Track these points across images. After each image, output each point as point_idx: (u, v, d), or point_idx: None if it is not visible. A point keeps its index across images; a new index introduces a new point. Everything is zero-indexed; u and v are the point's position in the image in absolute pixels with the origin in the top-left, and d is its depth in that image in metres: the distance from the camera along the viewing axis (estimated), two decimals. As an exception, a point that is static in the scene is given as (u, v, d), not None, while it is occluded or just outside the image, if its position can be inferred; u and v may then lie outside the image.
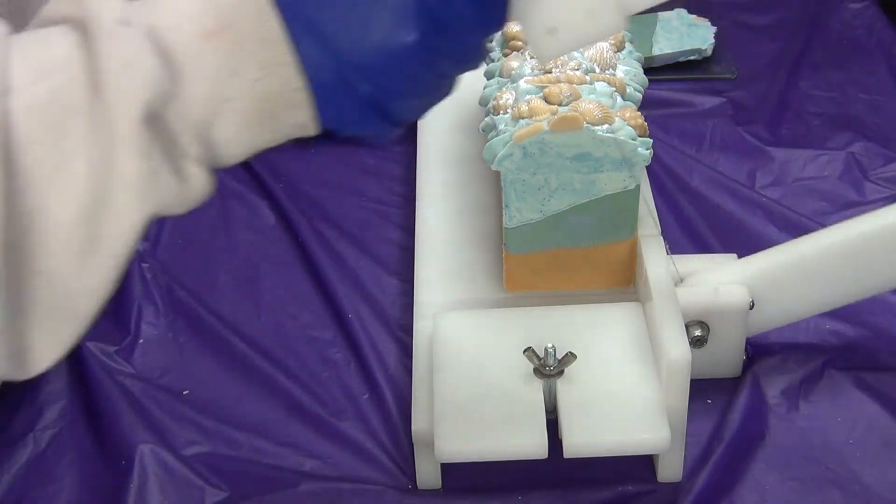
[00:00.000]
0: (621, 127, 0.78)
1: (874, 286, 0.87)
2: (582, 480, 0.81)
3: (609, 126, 0.78)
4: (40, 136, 0.53)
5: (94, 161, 0.54)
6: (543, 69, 0.81)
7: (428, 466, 0.80)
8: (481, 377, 0.79)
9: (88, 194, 0.54)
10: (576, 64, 0.81)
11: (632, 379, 0.79)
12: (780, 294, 0.86)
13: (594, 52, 0.82)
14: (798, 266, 0.86)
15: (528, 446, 0.76)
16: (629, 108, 0.80)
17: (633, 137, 0.79)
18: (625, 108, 0.80)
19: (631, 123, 0.79)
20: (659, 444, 0.76)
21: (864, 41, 1.26)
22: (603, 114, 0.77)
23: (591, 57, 0.82)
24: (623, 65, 0.83)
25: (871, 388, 0.86)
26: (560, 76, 0.80)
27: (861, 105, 1.17)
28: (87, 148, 0.54)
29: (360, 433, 0.86)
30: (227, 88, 0.57)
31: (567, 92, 0.78)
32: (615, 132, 0.78)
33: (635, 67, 0.84)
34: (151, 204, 0.56)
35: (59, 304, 0.55)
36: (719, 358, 0.87)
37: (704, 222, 1.02)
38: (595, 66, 0.82)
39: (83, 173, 0.54)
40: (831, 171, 1.09)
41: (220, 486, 0.82)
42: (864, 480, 0.80)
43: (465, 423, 0.77)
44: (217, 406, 0.88)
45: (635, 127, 0.79)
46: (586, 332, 0.82)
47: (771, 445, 0.82)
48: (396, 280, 0.99)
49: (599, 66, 0.82)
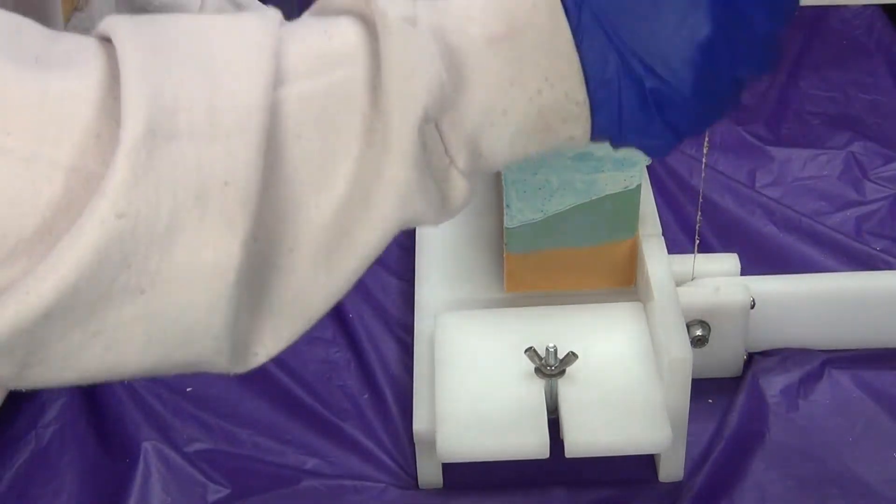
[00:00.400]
0: None
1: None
2: (583, 480, 0.81)
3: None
4: (311, 131, 0.51)
5: (362, 163, 0.52)
6: None
7: (429, 466, 0.80)
8: (482, 377, 0.80)
9: (350, 196, 0.52)
10: None
11: (633, 378, 0.79)
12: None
13: None
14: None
15: (530, 446, 0.76)
16: None
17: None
18: None
19: None
20: (660, 444, 0.76)
21: (864, 41, 1.26)
22: None
23: None
24: None
25: (871, 387, 0.86)
26: None
27: (861, 105, 1.17)
28: (358, 149, 0.52)
29: (361, 433, 0.86)
30: (506, 99, 0.54)
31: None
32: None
33: None
34: (410, 213, 0.53)
35: (293, 301, 0.53)
36: (720, 357, 0.87)
37: (704, 222, 1.03)
38: None
39: (349, 174, 0.52)
40: (831, 170, 1.09)
41: (221, 483, 0.82)
42: (864, 479, 0.80)
43: (466, 423, 0.77)
44: (219, 404, 0.88)
45: None
46: (587, 331, 0.82)
47: (771, 444, 0.82)
48: (397, 280, 0.99)
49: None
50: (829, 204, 1.06)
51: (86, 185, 0.48)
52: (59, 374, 0.51)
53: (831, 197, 1.06)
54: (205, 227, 0.49)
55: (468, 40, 0.53)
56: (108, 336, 0.50)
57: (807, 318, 0.89)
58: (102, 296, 0.49)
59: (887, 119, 1.15)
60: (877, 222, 1.04)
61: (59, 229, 0.48)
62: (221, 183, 0.49)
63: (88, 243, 0.47)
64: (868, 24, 1.28)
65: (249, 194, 0.49)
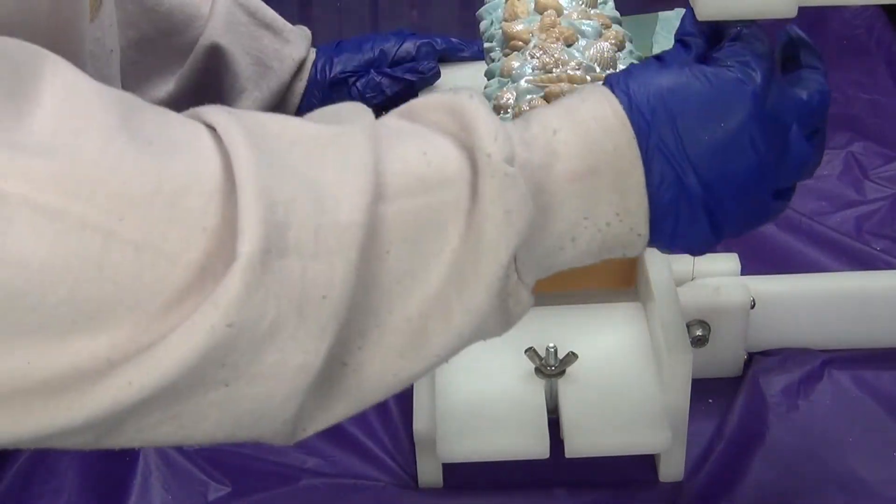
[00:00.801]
0: None
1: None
2: (583, 480, 0.81)
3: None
4: (401, 249, 0.55)
5: (446, 286, 0.56)
6: (544, 69, 0.81)
7: (429, 466, 0.80)
8: (483, 377, 0.80)
9: (430, 313, 0.56)
10: (576, 63, 0.81)
11: (633, 379, 0.79)
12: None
13: (594, 52, 0.82)
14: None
15: (530, 446, 0.76)
16: None
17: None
18: None
19: None
20: (660, 444, 0.76)
21: (864, 41, 1.26)
22: None
23: (592, 56, 0.82)
24: (623, 64, 0.83)
25: (871, 387, 0.86)
26: (561, 76, 0.80)
27: (861, 105, 1.17)
28: (446, 272, 0.55)
29: (362, 432, 0.86)
30: (578, 229, 0.60)
31: (568, 91, 0.78)
32: None
33: None
34: (482, 332, 0.58)
35: (354, 391, 0.57)
36: (720, 357, 0.87)
37: (705, 222, 1.03)
38: (595, 66, 0.82)
39: (432, 295, 0.55)
40: (831, 170, 1.09)
41: (222, 482, 0.82)
42: (863, 479, 0.80)
43: (466, 423, 0.77)
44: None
45: None
46: (587, 332, 0.82)
47: (771, 444, 0.82)
48: (397, 279, 0.99)
49: (600, 66, 0.82)
50: (829, 204, 1.06)
51: (200, 276, 0.51)
52: (128, 443, 0.55)
53: (831, 197, 1.06)
54: (300, 334, 0.53)
55: (552, 178, 0.58)
56: (184, 419, 0.54)
57: (807, 318, 0.89)
58: (191, 388, 0.53)
59: (887, 119, 1.15)
60: (877, 222, 1.04)
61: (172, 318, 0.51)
62: (320, 297, 0.52)
63: (196, 347, 0.51)
64: (868, 24, 1.28)
65: (343, 306, 0.53)
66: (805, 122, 0.64)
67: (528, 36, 0.83)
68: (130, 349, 0.51)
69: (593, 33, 0.83)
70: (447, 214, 0.55)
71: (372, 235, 0.54)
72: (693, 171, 0.60)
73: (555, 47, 0.81)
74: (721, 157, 0.60)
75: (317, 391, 0.55)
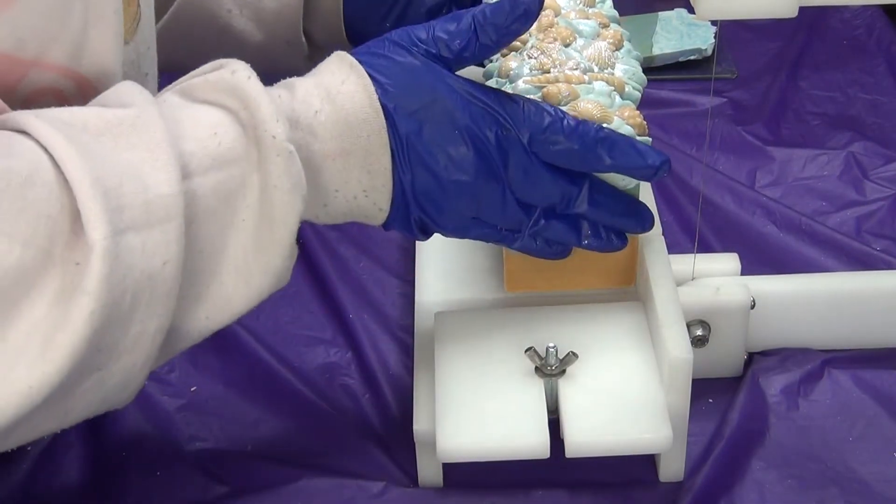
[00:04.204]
0: (620, 126, 0.78)
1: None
2: (583, 480, 0.81)
3: (608, 125, 0.78)
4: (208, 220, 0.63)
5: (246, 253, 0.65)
6: (542, 69, 0.81)
7: (429, 466, 0.81)
8: (482, 377, 0.80)
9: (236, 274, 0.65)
10: (574, 63, 0.81)
11: (633, 378, 0.79)
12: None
13: (592, 52, 0.82)
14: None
15: (530, 446, 0.76)
16: (628, 107, 0.80)
17: (632, 136, 0.79)
18: (623, 106, 0.79)
19: (630, 122, 0.78)
20: (661, 444, 0.76)
21: (864, 41, 1.26)
22: (601, 113, 0.77)
23: (590, 56, 0.82)
24: (621, 63, 0.83)
25: (871, 387, 0.86)
26: (558, 76, 0.80)
27: (861, 105, 1.17)
28: (245, 240, 0.64)
29: (361, 433, 0.86)
30: (329, 198, 0.70)
31: (565, 92, 0.78)
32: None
33: (634, 66, 0.84)
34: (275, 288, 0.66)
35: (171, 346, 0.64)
36: (720, 357, 0.87)
37: (704, 222, 1.03)
38: (593, 66, 0.81)
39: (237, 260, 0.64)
40: (831, 170, 1.09)
41: (222, 481, 0.82)
42: (864, 479, 0.80)
43: (466, 423, 0.77)
44: (220, 403, 0.88)
45: (634, 126, 0.78)
46: (588, 331, 0.82)
47: (771, 444, 0.82)
48: (397, 280, 0.99)
49: (598, 66, 0.81)
50: (829, 204, 1.06)
51: (44, 262, 0.57)
52: (15, 444, 0.61)
53: (831, 197, 1.07)
54: (153, 301, 0.60)
55: (311, 155, 0.68)
56: (69, 413, 0.61)
57: (807, 318, 0.89)
58: (76, 381, 0.59)
59: (887, 119, 1.15)
60: (877, 222, 1.04)
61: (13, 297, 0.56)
62: (162, 263, 0.60)
63: (82, 336, 0.57)
64: (868, 24, 1.28)
65: (180, 268, 0.61)
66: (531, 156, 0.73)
67: (526, 36, 0.83)
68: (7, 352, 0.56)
69: (591, 33, 0.83)
70: (239, 189, 0.64)
71: (189, 204, 0.61)
72: (426, 167, 0.70)
73: (552, 47, 0.81)
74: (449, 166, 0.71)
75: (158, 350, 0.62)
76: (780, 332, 0.89)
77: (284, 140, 0.64)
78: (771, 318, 0.88)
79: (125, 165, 0.60)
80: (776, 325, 0.89)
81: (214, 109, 0.65)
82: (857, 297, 0.89)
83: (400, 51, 0.71)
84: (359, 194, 0.70)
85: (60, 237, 0.57)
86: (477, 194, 0.72)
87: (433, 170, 0.70)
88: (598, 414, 0.77)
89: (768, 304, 0.88)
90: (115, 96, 0.64)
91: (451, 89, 0.71)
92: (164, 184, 0.60)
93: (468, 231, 0.74)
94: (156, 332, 0.61)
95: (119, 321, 0.59)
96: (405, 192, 0.71)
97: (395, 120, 0.69)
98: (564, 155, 0.73)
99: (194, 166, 0.62)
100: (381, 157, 0.69)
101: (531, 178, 0.73)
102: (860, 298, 0.89)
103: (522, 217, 0.74)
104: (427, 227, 0.73)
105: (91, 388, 0.60)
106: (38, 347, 0.56)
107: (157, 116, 0.62)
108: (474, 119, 0.71)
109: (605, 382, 0.79)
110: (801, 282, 0.90)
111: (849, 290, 0.89)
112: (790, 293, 0.89)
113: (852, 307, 0.89)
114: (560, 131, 0.73)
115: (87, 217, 0.57)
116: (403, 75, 0.70)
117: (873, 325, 0.89)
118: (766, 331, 0.89)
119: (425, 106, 0.70)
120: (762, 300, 0.88)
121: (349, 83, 0.69)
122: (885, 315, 0.89)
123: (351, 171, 0.69)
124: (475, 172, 0.71)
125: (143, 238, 0.59)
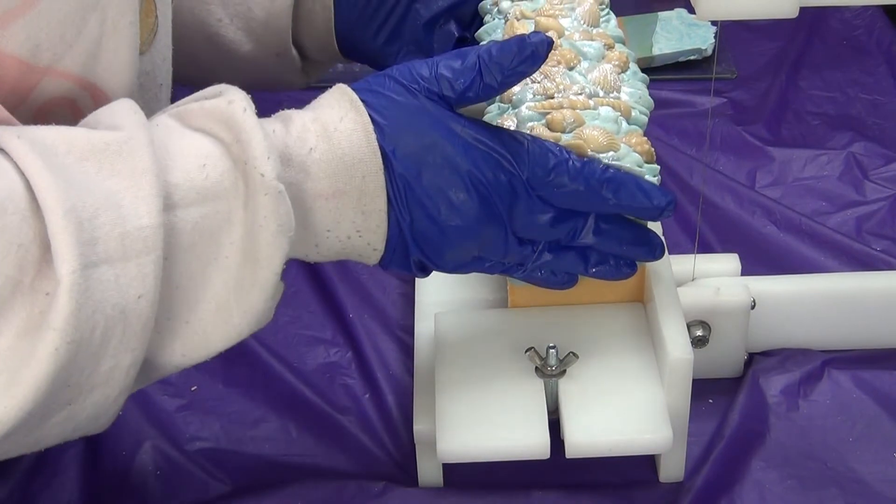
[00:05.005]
0: (627, 154, 0.75)
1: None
2: (583, 480, 0.81)
3: (614, 153, 0.75)
4: (188, 254, 0.61)
5: (227, 292, 0.63)
6: (545, 94, 0.79)
7: (430, 466, 0.81)
8: (483, 377, 0.80)
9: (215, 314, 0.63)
10: (579, 88, 0.78)
11: (634, 379, 0.79)
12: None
13: (598, 75, 0.79)
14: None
15: (531, 446, 0.76)
16: (635, 134, 0.77)
17: (639, 164, 0.75)
18: (630, 133, 0.77)
19: (637, 150, 0.76)
20: (661, 445, 0.76)
21: (864, 41, 1.26)
22: (608, 141, 0.74)
23: (595, 80, 0.79)
24: (627, 86, 0.80)
25: (871, 387, 0.86)
26: (563, 101, 0.77)
27: (861, 105, 1.17)
28: (226, 279, 0.63)
29: (361, 433, 0.86)
30: (321, 239, 0.68)
31: (570, 118, 0.75)
32: (621, 159, 0.75)
33: (640, 89, 0.81)
34: (255, 328, 0.65)
35: (145, 377, 0.64)
36: (720, 357, 0.87)
37: (704, 222, 1.03)
38: (599, 90, 0.79)
39: (215, 300, 0.63)
40: (831, 170, 1.09)
41: (222, 481, 0.82)
42: (864, 479, 0.80)
43: (467, 424, 0.77)
44: (221, 403, 0.88)
45: (642, 153, 0.76)
46: (588, 332, 0.82)
47: (771, 444, 0.82)
48: (397, 280, 0.99)
49: (603, 90, 0.79)
50: (829, 204, 1.06)
51: (12, 292, 0.55)
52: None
53: (831, 197, 1.07)
54: (126, 335, 0.59)
55: (303, 194, 0.66)
56: (34, 444, 0.61)
57: (807, 318, 0.89)
58: (42, 418, 0.58)
59: (887, 119, 1.15)
60: (877, 222, 1.04)
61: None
62: (136, 297, 0.58)
63: (46, 372, 0.56)
64: (868, 24, 1.28)
65: (155, 302, 0.59)
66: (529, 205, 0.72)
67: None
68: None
69: (596, 55, 0.81)
70: (224, 226, 0.62)
71: (168, 237, 0.60)
72: (424, 211, 0.68)
73: (556, 71, 0.79)
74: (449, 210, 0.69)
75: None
76: (780, 332, 0.89)
77: (273, 179, 0.62)
78: (771, 319, 0.88)
79: (105, 194, 0.58)
80: (776, 325, 0.89)
81: (207, 140, 0.63)
82: (857, 297, 0.89)
83: (400, 89, 0.69)
84: (352, 234, 0.68)
85: (31, 266, 0.56)
86: (478, 237, 0.71)
87: (432, 214, 0.69)
88: (598, 414, 0.77)
89: (768, 305, 0.88)
90: (108, 115, 0.63)
91: (452, 132, 0.69)
92: (145, 215, 0.58)
93: (469, 268, 0.73)
94: (130, 366, 0.60)
95: (88, 356, 0.58)
96: (403, 233, 0.69)
97: (393, 162, 0.67)
98: (569, 196, 0.72)
99: (178, 198, 0.61)
100: (377, 199, 0.67)
101: (535, 218, 0.72)
102: (860, 298, 0.89)
103: (526, 252, 0.73)
104: (426, 267, 0.72)
105: (61, 422, 0.60)
106: (4, 381, 0.56)
107: (145, 143, 0.60)
108: (475, 163, 0.69)
109: (605, 383, 0.79)
110: (802, 282, 0.90)
111: (849, 290, 0.89)
112: (790, 293, 0.89)
113: (852, 307, 0.89)
114: (565, 173, 0.71)
115: (57, 249, 0.56)
116: (403, 116, 0.68)
117: (873, 326, 0.89)
118: (767, 331, 0.89)
119: (425, 148, 0.68)
120: (762, 300, 0.88)
121: (347, 120, 0.67)
122: (885, 315, 0.89)
123: (344, 211, 0.67)
124: (476, 217, 0.70)
125: (118, 271, 0.58)
